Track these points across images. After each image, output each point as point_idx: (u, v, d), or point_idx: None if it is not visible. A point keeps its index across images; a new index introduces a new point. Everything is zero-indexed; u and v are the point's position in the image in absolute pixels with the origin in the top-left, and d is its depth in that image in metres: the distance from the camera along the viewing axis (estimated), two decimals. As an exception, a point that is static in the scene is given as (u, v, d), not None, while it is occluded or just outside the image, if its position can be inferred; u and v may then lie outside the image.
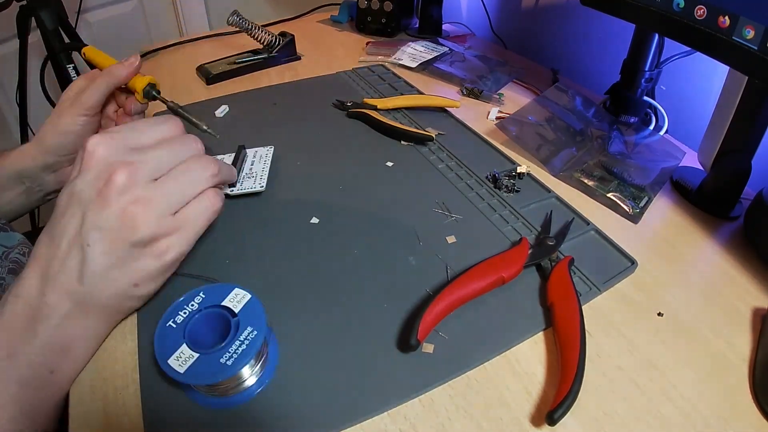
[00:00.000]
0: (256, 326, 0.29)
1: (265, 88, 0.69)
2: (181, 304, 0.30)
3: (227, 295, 0.31)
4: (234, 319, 0.29)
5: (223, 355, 0.28)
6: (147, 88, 0.47)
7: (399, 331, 0.34)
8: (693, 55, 0.57)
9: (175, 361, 0.27)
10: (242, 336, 0.28)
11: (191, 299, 0.31)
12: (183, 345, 0.28)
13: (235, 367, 0.27)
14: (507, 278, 0.36)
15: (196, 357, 0.28)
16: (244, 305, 0.30)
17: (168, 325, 0.29)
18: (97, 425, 0.29)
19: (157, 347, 0.28)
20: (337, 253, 0.40)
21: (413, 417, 0.29)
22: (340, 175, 0.50)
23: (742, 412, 0.30)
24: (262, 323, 0.29)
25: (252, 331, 0.29)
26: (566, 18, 0.81)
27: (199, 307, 0.30)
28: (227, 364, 0.27)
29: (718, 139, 0.46)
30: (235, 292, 0.31)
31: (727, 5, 0.38)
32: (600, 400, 0.30)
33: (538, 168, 0.53)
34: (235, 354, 0.28)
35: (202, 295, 0.31)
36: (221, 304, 0.30)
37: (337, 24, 0.97)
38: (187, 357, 0.28)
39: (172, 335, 0.29)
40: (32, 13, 0.94)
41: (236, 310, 0.30)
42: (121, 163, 0.30)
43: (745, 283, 0.40)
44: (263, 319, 0.30)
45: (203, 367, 0.27)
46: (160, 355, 0.28)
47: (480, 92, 0.67)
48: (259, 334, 0.29)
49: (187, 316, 0.30)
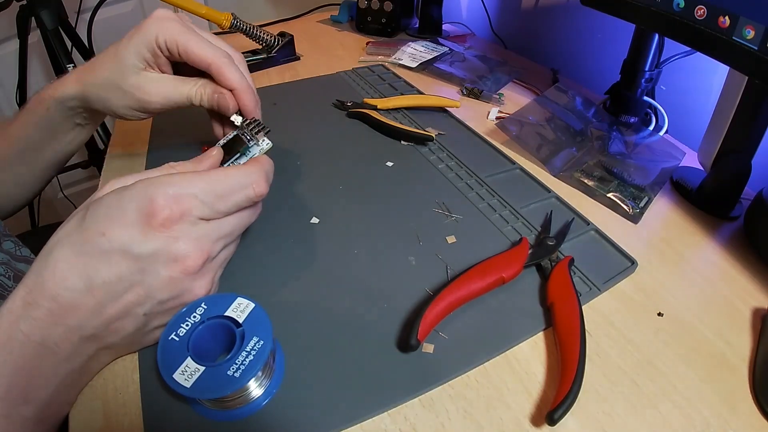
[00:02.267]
0: (263, 336, 0.28)
1: (264, 88, 0.69)
2: (183, 316, 0.29)
3: (230, 305, 0.30)
4: (239, 329, 0.29)
5: (230, 367, 0.27)
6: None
7: (399, 331, 0.34)
8: (693, 55, 0.57)
9: (181, 375, 0.26)
10: (248, 347, 0.27)
11: (193, 310, 0.29)
12: (188, 358, 0.27)
13: (243, 379, 0.26)
14: (507, 278, 0.36)
15: (202, 370, 0.27)
16: (249, 314, 0.29)
17: (170, 339, 0.28)
18: (97, 425, 0.29)
19: (161, 362, 0.27)
20: (337, 253, 0.40)
21: (413, 417, 0.29)
22: (340, 175, 0.50)
23: (742, 412, 0.30)
24: (268, 332, 0.28)
25: (258, 341, 0.28)
26: (566, 18, 0.81)
27: (202, 319, 0.29)
28: (235, 376, 0.26)
29: (718, 139, 0.46)
30: (238, 302, 0.30)
31: (727, 5, 0.38)
32: (600, 400, 0.30)
33: (538, 168, 0.53)
34: (242, 365, 0.27)
35: (203, 306, 0.30)
36: (224, 315, 0.29)
37: (337, 24, 0.97)
38: (193, 371, 0.27)
39: (176, 349, 0.28)
40: (32, 13, 0.94)
41: (240, 320, 0.29)
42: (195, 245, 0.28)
43: (745, 283, 0.40)
44: (269, 328, 0.29)
45: (210, 380, 0.26)
46: (165, 370, 0.27)
47: (480, 92, 0.67)
48: (266, 344, 0.28)
49: (189, 328, 0.29)
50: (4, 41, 1.12)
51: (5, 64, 1.09)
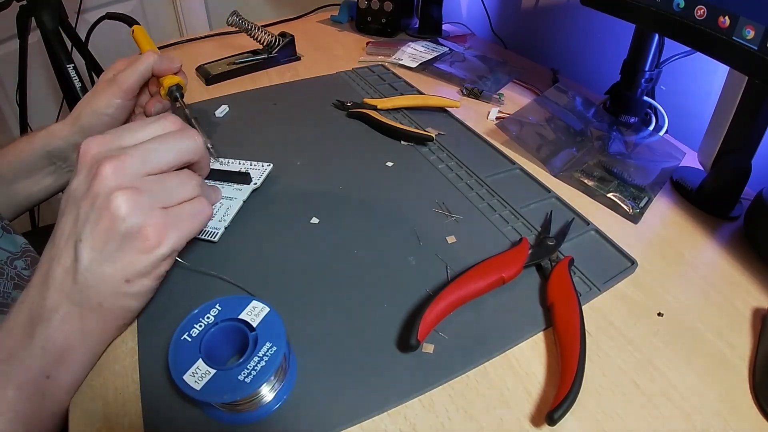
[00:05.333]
0: (276, 342, 0.28)
1: (265, 88, 0.69)
2: (197, 317, 0.29)
3: (245, 308, 0.29)
4: (252, 333, 0.28)
5: (241, 372, 0.26)
6: (173, 87, 0.47)
7: (399, 331, 0.34)
8: (693, 55, 0.57)
9: (191, 377, 0.26)
10: (261, 352, 0.27)
11: (206, 311, 0.29)
12: (199, 360, 0.27)
13: (253, 384, 0.26)
14: (507, 278, 0.36)
15: (213, 373, 0.26)
16: (263, 319, 0.29)
17: (183, 339, 0.28)
18: (97, 426, 0.29)
19: (172, 362, 0.27)
20: (337, 253, 0.40)
21: (413, 417, 0.29)
22: (340, 175, 0.50)
23: (742, 412, 0.30)
24: (282, 338, 0.28)
25: (271, 346, 0.28)
26: (566, 18, 0.81)
27: (215, 320, 0.29)
28: (245, 381, 0.26)
29: (718, 139, 0.46)
30: (253, 305, 0.30)
31: (727, 5, 0.38)
32: (600, 400, 0.30)
33: (538, 168, 0.53)
34: (254, 371, 0.26)
35: (218, 308, 0.29)
36: (238, 318, 0.29)
37: (337, 24, 0.97)
38: (204, 373, 0.26)
39: (188, 349, 0.27)
40: (32, 13, 0.94)
41: (254, 323, 0.29)
42: (109, 156, 0.29)
43: (745, 283, 0.40)
44: (283, 333, 0.28)
45: (220, 383, 0.26)
46: (175, 371, 0.26)
47: (480, 92, 0.67)
48: (279, 350, 0.28)
49: (202, 329, 0.28)
50: (4, 41, 1.12)
51: (5, 64, 1.09)
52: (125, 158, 0.29)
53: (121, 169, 0.29)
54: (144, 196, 0.29)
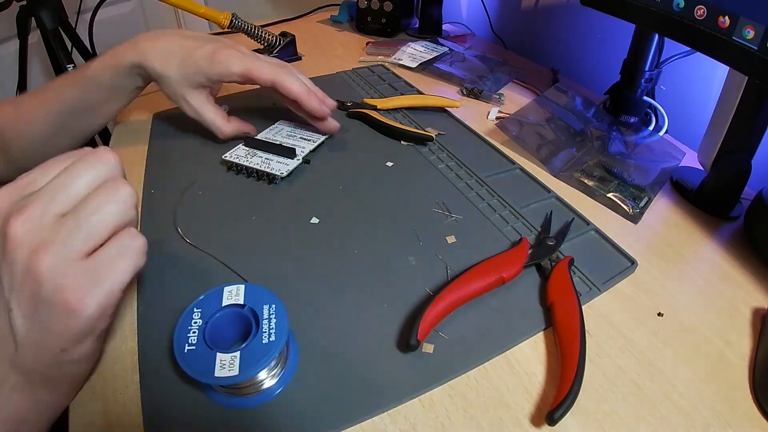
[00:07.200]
0: (268, 300, 0.30)
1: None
2: (185, 326, 0.29)
3: (222, 296, 0.30)
4: (245, 309, 0.30)
5: (262, 337, 0.28)
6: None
7: (399, 331, 0.34)
8: (693, 55, 0.57)
9: (222, 370, 0.27)
10: (265, 314, 0.29)
11: (190, 317, 0.29)
12: (217, 355, 0.27)
13: (280, 339, 0.28)
14: (507, 278, 0.36)
15: (239, 354, 0.27)
16: (244, 293, 0.30)
17: (187, 351, 0.28)
18: (97, 426, 0.29)
19: (195, 374, 0.27)
20: (337, 253, 0.40)
21: (413, 417, 0.29)
22: (340, 175, 0.50)
23: (742, 412, 0.30)
24: (271, 295, 0.30)
25: (270, 305, 0.29)
26: (566, 18, 0.81)
27: (204, 319, 0.29)
28: (271, 340, 0.28)
29: (718, 139, 0.46)
30: (228, 289, 0.30)
31: (727, 5, 0.38)
32: (600, 400, 0.30)
33: (538, 168, 0.53)
34: (272, 329, 0.28)
35: (197, 310, 0.30)
36: (223, 306, 0.30)
37: (337, 24, 0.97)
38: (231, 360, 0.27)
39: (199, 355, 0.27)
40: (32, 13, 0.94)
41: (240, 301, 0.30)
42: (15, 212, 0.25)
43: (745, 283, 0.40)
44: (269, 292, 0.30)
45: (252, 357, 0.27)
46: (204, 377, 0.27)
47: (480, 92, 0.67)
48: (277, 306, 0.29)
49: (198, 332, 0.28)
50: (4, 41, 1.12)
51: (5, 64, 1.09)
52: (32, 208, 0.26)
53: (29, 221, 0.25)
54: (59, 248, 0.25)
